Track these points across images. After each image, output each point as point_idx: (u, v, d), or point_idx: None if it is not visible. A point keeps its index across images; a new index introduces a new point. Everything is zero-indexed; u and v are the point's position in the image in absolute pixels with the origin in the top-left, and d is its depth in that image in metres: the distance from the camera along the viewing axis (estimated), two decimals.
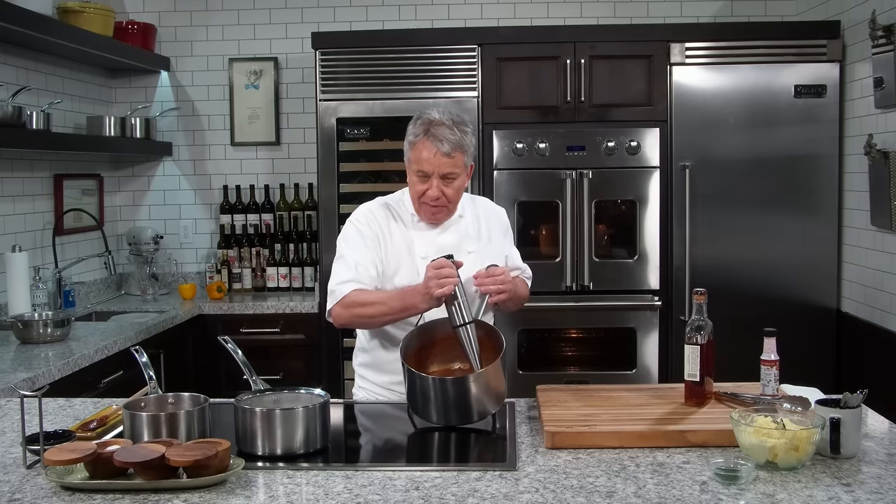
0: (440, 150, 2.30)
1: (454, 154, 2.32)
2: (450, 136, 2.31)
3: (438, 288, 2.16)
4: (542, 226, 4.08)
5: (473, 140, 2.39)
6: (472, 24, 4.65)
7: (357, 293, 2.34)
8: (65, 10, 4.01)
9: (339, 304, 2.36)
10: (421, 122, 2.36)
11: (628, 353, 4.06)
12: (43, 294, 3.87)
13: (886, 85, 3.47)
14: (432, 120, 2.34)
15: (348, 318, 2.37)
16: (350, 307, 2.34)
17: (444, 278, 2.16)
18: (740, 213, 4.00)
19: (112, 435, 1.98)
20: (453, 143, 2.31)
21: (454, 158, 2.32)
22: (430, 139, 2.32)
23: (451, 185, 2.37)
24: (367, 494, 1.66)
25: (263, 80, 4.78)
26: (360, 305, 2.33)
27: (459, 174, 2.37)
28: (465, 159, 2.36)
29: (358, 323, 2.41)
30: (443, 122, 2.33)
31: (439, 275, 2.17)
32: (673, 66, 4.00)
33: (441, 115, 2.35)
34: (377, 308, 2.32)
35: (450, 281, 2.17)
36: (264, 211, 4.76)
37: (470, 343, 2.18)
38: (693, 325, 2.13)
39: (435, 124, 2.33)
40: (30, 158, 3.99)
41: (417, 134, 2.35)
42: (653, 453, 1.87)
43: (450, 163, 2.32)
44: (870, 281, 3.74)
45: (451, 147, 2.31)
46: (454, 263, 2.22)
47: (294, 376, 4.02)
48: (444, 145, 2.30)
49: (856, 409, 1.83)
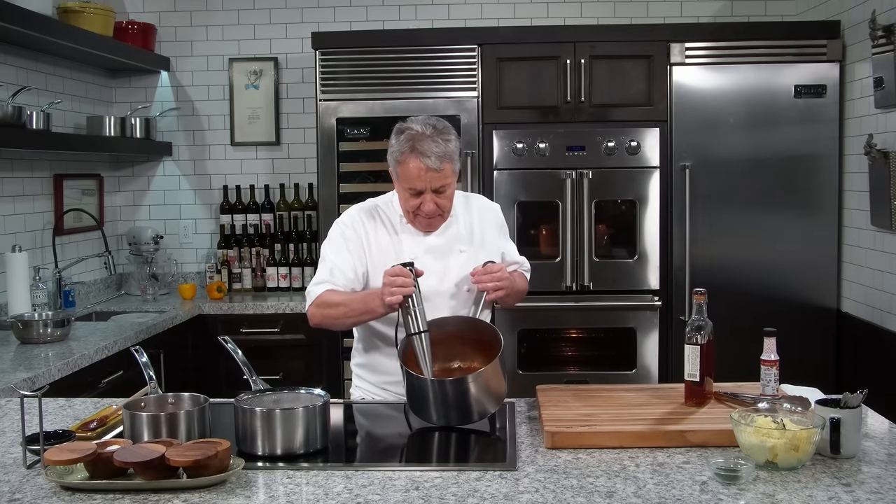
0: (429, 167, 2.28)
1: (443, 166, 2.30)
2: (436, 149, 2.28)
3: (390, 295, 2.17)
4: (542, 226, 4.08)
5: (458, 144, 2.37)
6: (472, 24, 4.65)
7: (328, 293, 2.36)
8: (65, 10, 4.01)
9: (312, 305, 2.40)
10: (405, 136, 2.32)
11: (628, 353, 4.06)
12: (43, 294, 3.87)
13: (886, 85, 3.47)
14: (415, 134, 2.30)
15: (320, 318, 2.40)
16: (321, 307, 2.38)
17: (398, 287, 2.16)
18: (740, 213, 4.00)
19: (112, 435, 1.98)
20: (440, 155, 2.29)
21: (443, 171, 2.31)
22: (416, 156, 2.28)
23: (445, 196, 2.36)
24: (367, 494, 1.66)
25: (263, 80, 4.78)
26: (328, 306, 2.36)
27: (451, 183, 2.36)
28: (454, 167, 2.35)
29: (327, 323, 2.43)
30: (426, 135, 2.29)
31: (393, 282, 2.17)
32: (673, 66, 4.00)
33: (422, 126, 2.32)
34: (340, 309, 2.34)
35: (401, 290, 2.16)
36: (264, 211, 4.76)
37: (423, 352, 2.17)
38: (693, 325, 2.13)
39: (418, 138, 2.29)
40: (30, 158, 3.99)
41: (403, 150, 2.31)
42: (653, 453, 1.87)
43: (440, 176, 2.31)
44: (870, 281, 3.74)
45: (439, 160, 2.29)
46: (413, 271, 2.21)
47: (294, 376, 4.02)
48: (433, 161, 2.28)
49: (856, 409, 1.83)
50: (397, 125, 2.39)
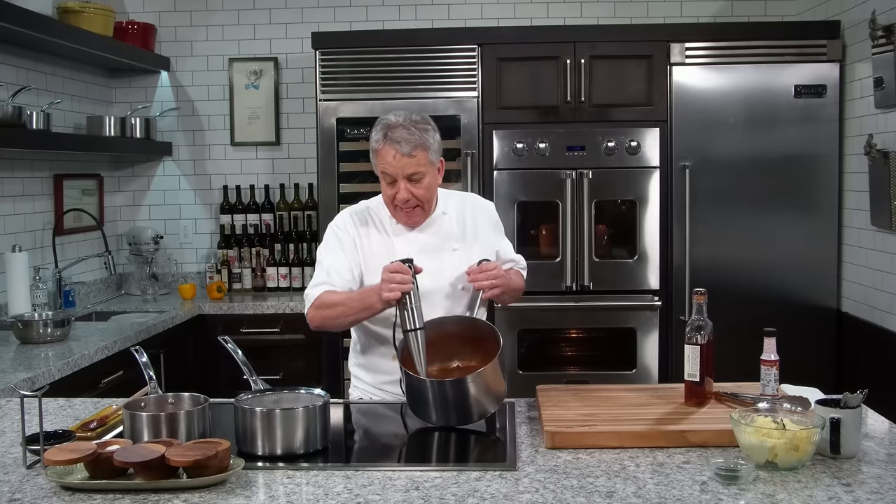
0: (400, 152, 2.31)
1: (415, 153, 2.32)
2: (408, 136, 2.32)
3: (388, 291, 2.18)
4: (542, 226, 4.08)
5: (436, 136, 2.39)
6: (472, 24, 4.65)
7: (326, 295, 2.38)
8: (65, 10, 4.01)
9: (311, 307, 2.41)
10: (380, 126, 2.37)
11: (628, 353, 4.06)
12: (43, 294, 3.87)
13: (886, 85, 3.47)
14: (389, 124, 2.35)
15: (319, 319, 2.41)
16: (319, 309, 2.39)
17: (396, 283, 2.18)
18: (740, 213, 4.00)
19: (112, 435, 1.98)
20: (412, 142, 2.31)
21: (416, 157, 2.32)
22: (388, 143, 2.33)
23: (420, 185, 2.37)
24: (367, 494, 1.66)
25: (263, 80, 4.78)
26: (326, 307, 2.37)
27: (426, 172, 2.36)
28: (430, 156, 2.36)
29: (328, 324, 2.44)
30: (400, 124, 2.34)
31: (392, 279, 2.19)
32: (673, 66, 4.00)
33: (399, 117, 2.36)
34: (339, 309, 2.35)
35: (400, 287, 2.17)
36: (264, 211, 4.76)
37: (418, 349, 2.18)
38: (693, 325, 2.13)
39: (392, 127, 2.34)
40: (30, 158, 3.99)
41: (378, 140, 2.36)
42: (653, 453, 1.87)
43: (412, 162, 2.32)
44: (870, 281, 3.74)
45: (411, 147, 2.31)
46: (412, 268, 2.22)
47: (294, 376, 4.02)
48: (404, 146, 2.31)
49: (856, 409, 1.83)
50: (377, 118, 2.43)
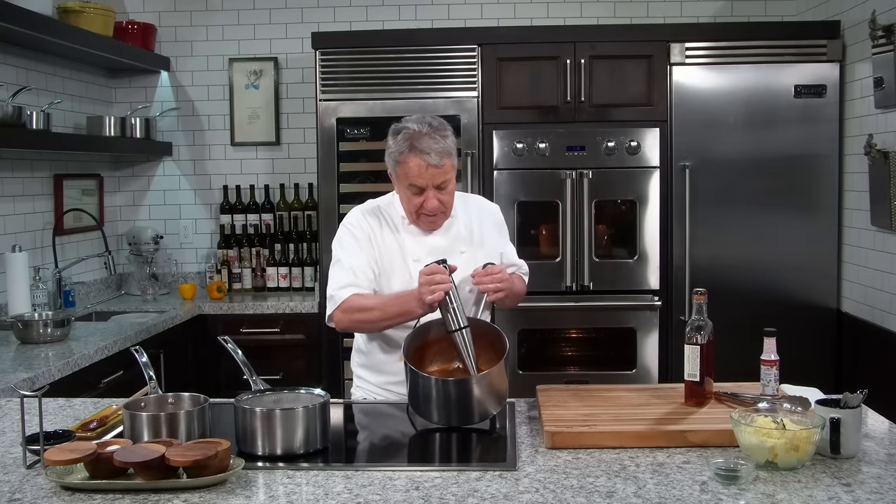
0: (430, 163, 2.29)
1: (443, 162, 2.31)
2: (434, 145, 2.29)
3: (430, 294, 2.16)
4: (542, 226, 4.08)
5: (455, 140, 2.39)
6: (472, 24, 4.65)
7: (355, 298, 2.35)
8: (65, 10, 4.01)
9: (338, 310, 2.37)
10: (402, 136, 2.33)
11: (628, 353, 4.05)
12: (43, 294, 3.87)
13: (886, 85, 3.47)
14: (413, 132, 2.31)
15: (348, 323, 2.38)
16: (349, 312, 2.35)
17: (436, 284, 2.17)
18: (740, 213, 4.00)
19: (112, 435, 1.98)
20: (439, 151, 2.30)
21: (444, 167, 2.32)
22: (416, 154, 2.30)
23: (447, 192, 2.37)
24: (367, 494, 1.66)
25: (263, 80, 4.78)
26: (358, 311, 2.34)
27: (451, 179, 2.37)
28: (453, 162, 2.36)
29: (358, 328, 2.43)
30: (424, 133, 2.30)
31: (431, 280, 2.17)
32: (673, 66, 4.00)
33: (419, 124, 2.33)
34: (375, 314, 2.33)
35: (441, 287, 2.16)
36: (264, 211, 4.76)
37: (466, 347, 2.18)
38: (693, 325, 2.13)
39: (416, 137, 2.30)
40: (30, 158, 3.99)
41: (402, 150, 2.32)
42: (653, 453, 1.87)
43: (441, 172, 2.32)
44: (870, 281, 3.74)
45: (439, 156, 2.30)
46: (448, 268, 2.21)
47: (294, 376, 4.02)
48: (433, 157, 2.29)
49: (856, 409, 1.83)
50: (393, 126, 2.39)
